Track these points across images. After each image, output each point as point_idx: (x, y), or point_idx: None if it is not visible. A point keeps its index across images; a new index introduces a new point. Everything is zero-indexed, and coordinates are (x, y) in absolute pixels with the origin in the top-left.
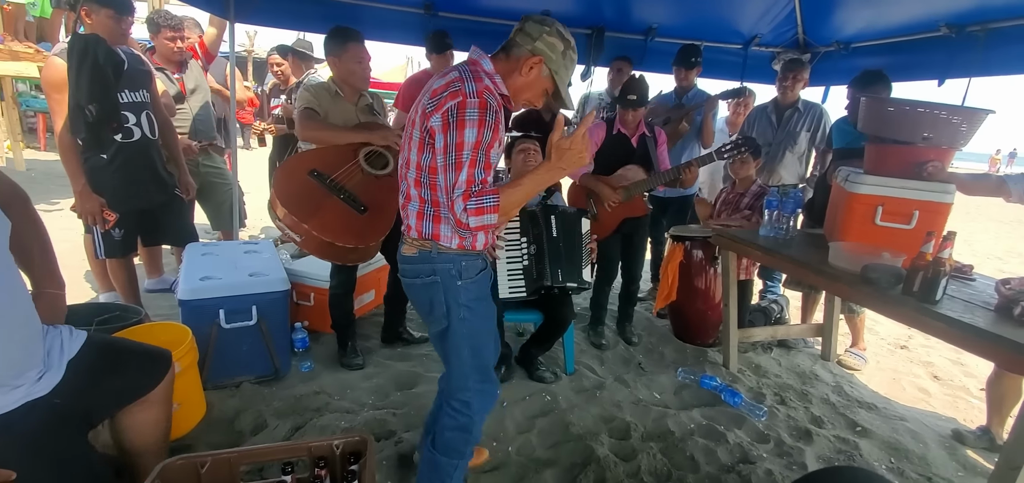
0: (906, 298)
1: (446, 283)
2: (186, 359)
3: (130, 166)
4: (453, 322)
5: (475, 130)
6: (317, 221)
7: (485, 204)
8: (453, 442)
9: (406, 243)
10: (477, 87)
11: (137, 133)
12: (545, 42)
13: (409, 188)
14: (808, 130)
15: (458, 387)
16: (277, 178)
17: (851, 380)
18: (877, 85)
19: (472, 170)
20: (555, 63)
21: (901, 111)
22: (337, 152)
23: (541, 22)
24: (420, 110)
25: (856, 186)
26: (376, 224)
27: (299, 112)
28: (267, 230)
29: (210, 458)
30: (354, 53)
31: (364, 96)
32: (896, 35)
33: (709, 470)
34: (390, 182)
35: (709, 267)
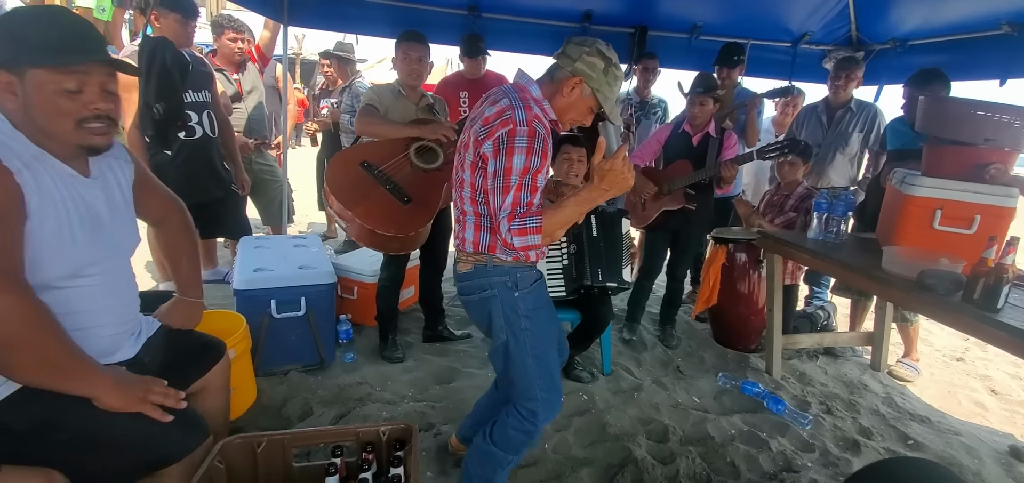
0: (966, 306)
1: (503, 296)
2: (240, 346)
3: (192, 162)
4: (515, 333)
5: (524, 157)
6: (362, 209)
7: (528, 226)
8: (513, 441)
9: (461, 260)
10: (527, 115)
11: (199, 131)
12: (585, 62)
13: (465, 204)
14: (861, 131)
15: (524, 397)
16: (330, 168)
17: (903, 391)
18: (935, 84)
19: (519, 194)
20: (596, 81)
21: (962, 111)
22: (389, 145)
23: (581, 43)
24: (472, 136)
25: (913, 189)
26: (418, 215)
27: (360, 107)
28: (313, 225)
29: (266, 438)
30: (402, 51)
31: (426, 97)
32: (955, 33)
33: (750, 477)
34: (437, 177)
35: (753, 271)
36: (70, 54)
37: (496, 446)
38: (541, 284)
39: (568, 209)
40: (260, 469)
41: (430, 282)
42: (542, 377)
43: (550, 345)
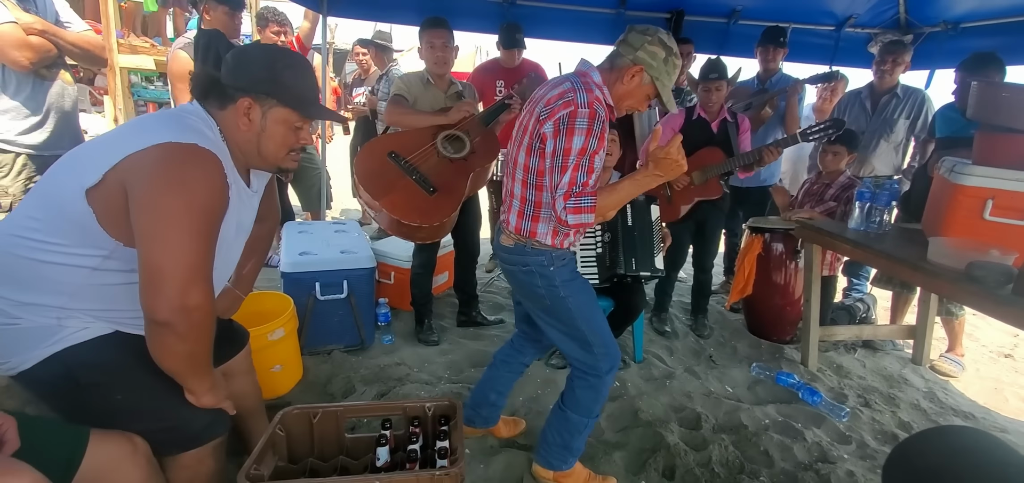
0: (1017, 299)
1: (540, 272)
2: (289, 326)
3: None
4: (558, 303)
5: (583, 137)
6: (389, 199)
7: (583, 204)
8: (583, 400)
9: (504, 234)
10: (588, 97)
11: None
12: (647, 51)
13: (514, 187)
14: (907, 118)
15: (582, 352)
16: (359, 158)
17: (946, 387)
18: (989, 69)
19: (576, 173)
20: (656, 70)
21: (1018, 97)
22: (416, 135)
23: (643, 32)
24: (534, 117)
25: (963, 178)
26: (443, 205)
27: (389, 98)
28: (346, 212)
29: (321, 410)
30: (427, 39)
31: (454, 85)
32: (1012, 15)
33: (784, 466)
34: (463, 166)
35: (790, 261)
36: (316, 106)
37: (570, 410)
38: (572, 260)
39: (623, 190)
40: (316, 437)
41: (464, 269)
42: (593, 332)
43: (593, 306)
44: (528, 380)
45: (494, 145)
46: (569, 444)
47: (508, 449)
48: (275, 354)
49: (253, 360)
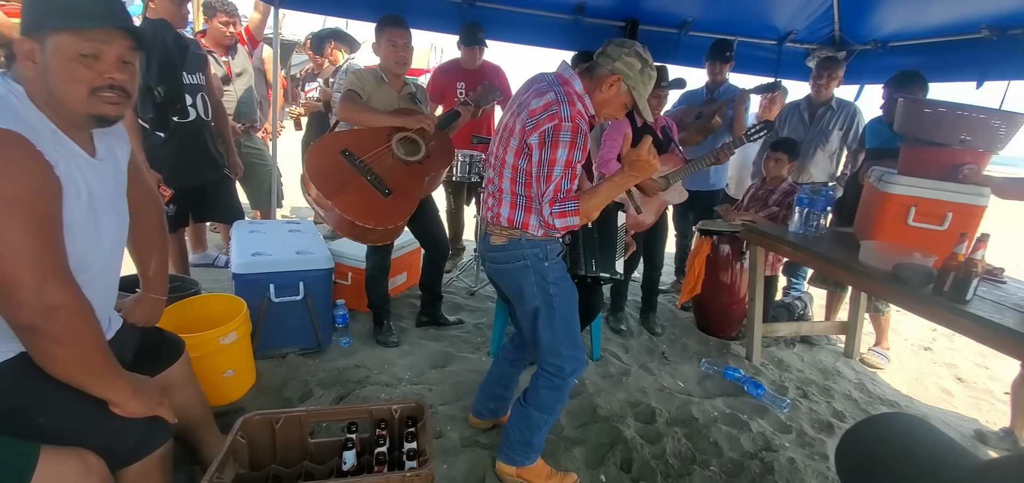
0: (936, 297)
1: (535, 265)
2: (242, 329)
3: (186, 145)
4: (546, 299)
5: (566, 150)
6: (341, 199)
7: (568, 209)
8: (546, 399)
9: (494, 234)
10: (571, 111)
11: (193, 114)
12: (624, 62)
13: (502, 183)
14: (841, 129)
15: (551, 354)
16: (310, 154)
17: (874, 378)
18: (914, 86)
19: (561, 181)
20: (633, 80)
21: (939, 113)
22: (371, 134)
23: (621, 44)
24: (520, 125)
25: (890, 186)
26: (398, 208)
27: (342, 93)
28: (297, 210)
29: (283, 415)
30: (388, 37)
31: (408, 84)
32: (935, 35)
33: (732, 456)
34: (418, 169)
35: (735, 262)
36: (91, 19)
37: (532, 407)
38: (561, 257)
39: (601, 193)
40: (279, 443)
41: (435, 268)
42: (567, 336)
43: (574, 308)
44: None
45: (449, 150)
46: (530, 440)
47: (471, 448)
48: (227, 359)
49: (204, 365)
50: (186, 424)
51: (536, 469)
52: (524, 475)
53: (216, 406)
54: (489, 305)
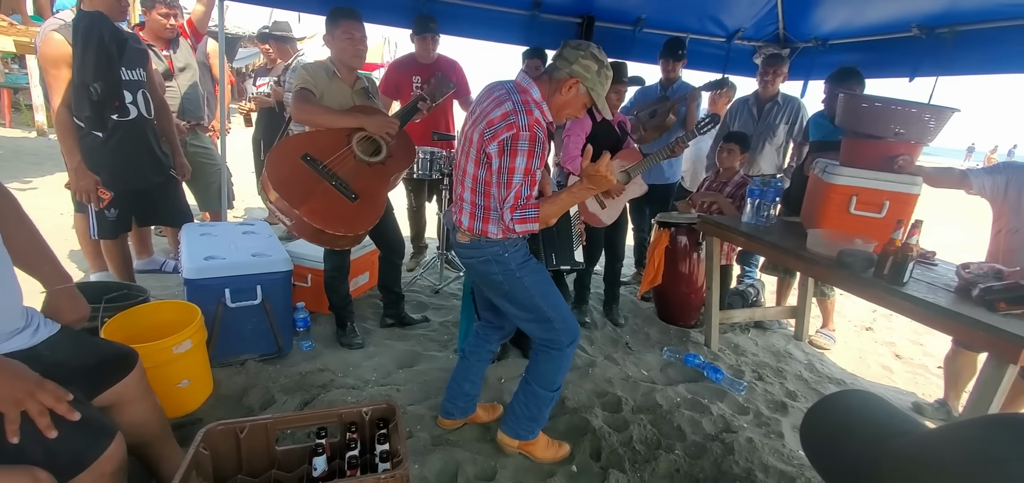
0: (877, 280)
1: (495, 258)
2: (197, 337)
3: (127, 145)
4: (514, 282)
5: (525, 158)
6: (308, 207)
7: (528, 216)
8: (548, 372)
9: (460, 232)
10: (528, 120)
11: (134, 112)
12: (581, 64)
13: (464, 192)
14: (786, 123)
15: (541, 330)
16: (269, 160)
17: (822, 358)
18: (851, 81)
19: (520, 189)
20: (590, 81)
21: (875, 107)
22: (331, 136)
23: (577, 47)
24: (478, 132)
25: (833, 177)
26: (366, 212)
27: (295, 92)
28: (250, 211)
29: (248, 424)
30: (345, 30)
31: (360, 79)
32: (870, 34)
33: (695, 439)
34: (381, 170)
35: (693, 252)
36: None
37: (536, 384)
38: (524, 246)
39: (561, 201)
40: (244, 453)
41: (392, 268)
42: (550, 307)
43: (548, 284)
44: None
45: (410, 149)
46: (536, 416)
47: (442, 447)
48: (182, 368)
49: (158, 375)
50: (143, 440)
51: (537, 441)
52: (526, 448)
53: (172, 418)
54: (454, 302)
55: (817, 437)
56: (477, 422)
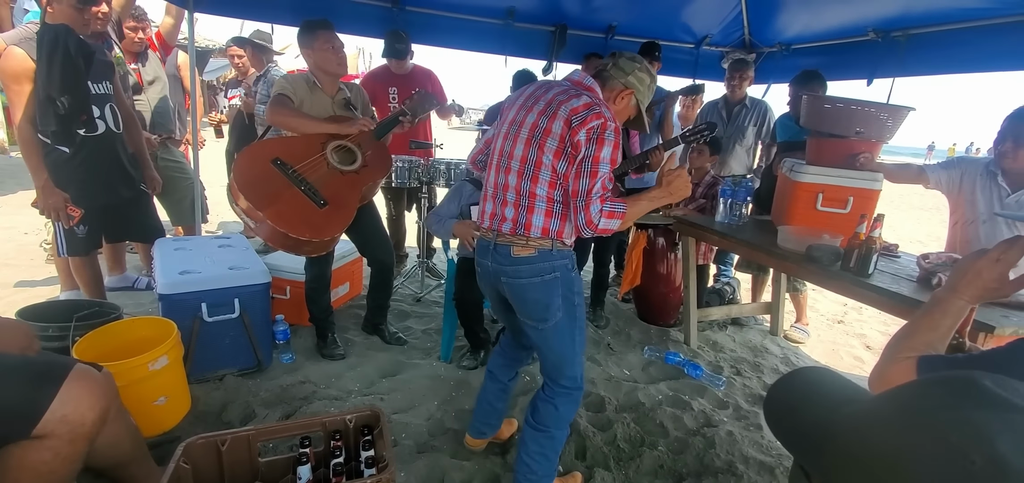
0: (844, 273)
1: (564, 277)
2: (173, 353)
3: (95, 160)
4: (570, 311)
5: (610, 148)
6: (273, 210)
7: (616, 210)
8: (565, 415)
9: (519, 245)
10: (611, 112)
11: (102, 126)
12: (636, 77)
13: (536, 188)
14: (755, 125)
15: (569, 365)
16: (238, 163)
17: (796, 351)
18: (814, 83)
19: (605, 181)
20: (642, 94)
21: (837, 108)
22: (303, 143)
23: (632, 59)
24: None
25: (800, 176)
26: (334, 219)
27: (272, 97)
28: (225, 225)
29: (230, 436)
30: (325, 40)
31: (342, 90)
32: (830, 38)
33: (677, 435)
34: (353, 179)
35: (670, 253)
36: None
37: (553, 428)
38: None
39: (643, 204)
40: (226, 467)
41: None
42: (581, 346)
43: (583, 328)
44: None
45: (386, 159)
46: (555, 463)
47: (427, 453)
48: (158, 385)
49: (133, 393)
50: (117, 461)
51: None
52: None
53: (149, 437)
54: (436, 310)
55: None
56: (500, 439)
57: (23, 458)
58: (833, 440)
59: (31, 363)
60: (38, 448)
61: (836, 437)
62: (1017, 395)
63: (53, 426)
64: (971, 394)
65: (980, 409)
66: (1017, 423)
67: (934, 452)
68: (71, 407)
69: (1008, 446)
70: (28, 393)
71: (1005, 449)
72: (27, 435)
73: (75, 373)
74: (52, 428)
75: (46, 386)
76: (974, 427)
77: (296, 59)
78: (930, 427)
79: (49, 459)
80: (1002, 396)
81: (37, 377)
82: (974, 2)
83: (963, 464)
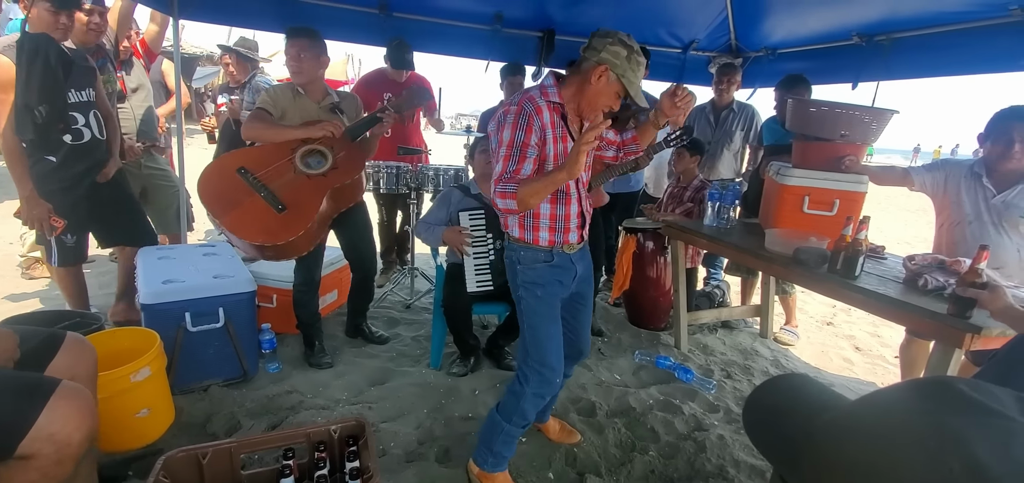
0: (831, 275)
1: (511, 266)
2: (156, 364)
3: (82, 169)
4: (517, 299)
5: (510, 131)
6: (230, 218)
7: (507, 190)
8: (506, 403)
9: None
10: (519, 97)
11: (87, 134)
12: (609, 51)
13: None
14: (742, 129)
15: (520, 360)
16: (204, 175)
17: (786, 354)
18: (799, 87)
19: (506, 163)
20: (621, 67)
21: (822, 112)
22: (274, 150)
23: (604, 35)
24: None
25: (786, 179)
26: (291, 223)
27: (251, 112)
28: (210, 233)
29: (211, 449)
30: (288, 49)
31: (330, 95)
32: (816, 42)
33: (668, 439)
34: (320, 182)
35: (660, 257)
36: None
37: (495, 408)
38: (547, 268)
39: (537, 184)
40: (207, 480)
41: (364, 288)
42: (532, 346)
43: (544, 320)
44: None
45: (359, 160)
46: (490, 444)
47: (416, 462)
48: (141, 397)
49: (115, 406)
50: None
51: (498, 479)
52: (483, 480)
53: (132, 449)
54: (426, 317)
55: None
56: (548, 434)
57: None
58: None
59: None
60: (24, 468)
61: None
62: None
63: (39, 445)
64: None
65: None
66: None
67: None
68: (58, 425)
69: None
70: (11, 409)
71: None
72: (11, 454)
73: (62, 390)
74: (38, 448)
75: (31, 403)
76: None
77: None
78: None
79: (36, 480)
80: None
81: (21, 393)
82: (956, 6)
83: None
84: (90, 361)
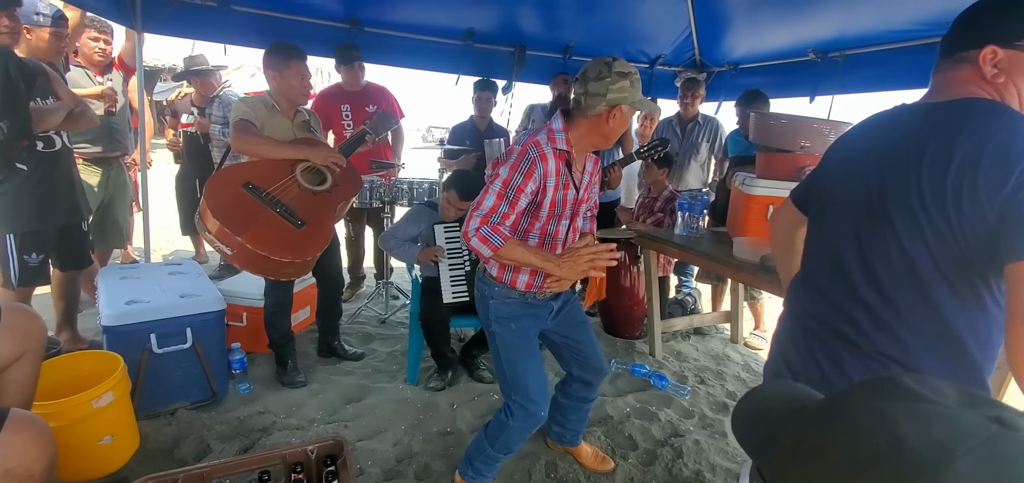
0: None
1: (482, 300)
2: (119, 388)
3: (54, 178)
4: (490, 334)
5: (508, 169)
6: (251, 234)
7: (492, 240)
8: (492, 427)
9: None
10: (524, 139)
11: (58, 142)
12: (615, 91)
13: None
14: (708, 141)
15: (504, 393)
16: (209, 189)
17: (756, 358)
18: (757, 101)
19: (498, 201)
20: (630, 96)
21: (782, 124)
22: (273, 166)
23: (599, 76)
24: None
25: (751, 189)
26: (314, 238)
27: (234, 123)
28: (178, 253)
29: (182, 475)
30: (296, 69)
31: (301, 112)
32: (775, 58)
33: (646, 446)
34: (327, 198)
35: (633, 266)
36: None
37: (484, 431)
38: (521, 305)
39: (529, 256)
40: None
41: (332, 303)
42: (513, 380)
43: (521, 355)
44: None
45: (355, 178)
46: (473, 460)
47: (395, 480)
48: (103, 423)
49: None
50: None
51: None
52: None
53: (93, 478)
54: (402, 332)
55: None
56: (579, 459)
57: None
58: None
59: None
60: None
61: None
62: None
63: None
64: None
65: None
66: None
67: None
68: (16, 460)
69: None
70: None
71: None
72: None
73: (13, 421)
74: None
75: None
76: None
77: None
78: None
79: None
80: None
81: None
82: (903, 24)
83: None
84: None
